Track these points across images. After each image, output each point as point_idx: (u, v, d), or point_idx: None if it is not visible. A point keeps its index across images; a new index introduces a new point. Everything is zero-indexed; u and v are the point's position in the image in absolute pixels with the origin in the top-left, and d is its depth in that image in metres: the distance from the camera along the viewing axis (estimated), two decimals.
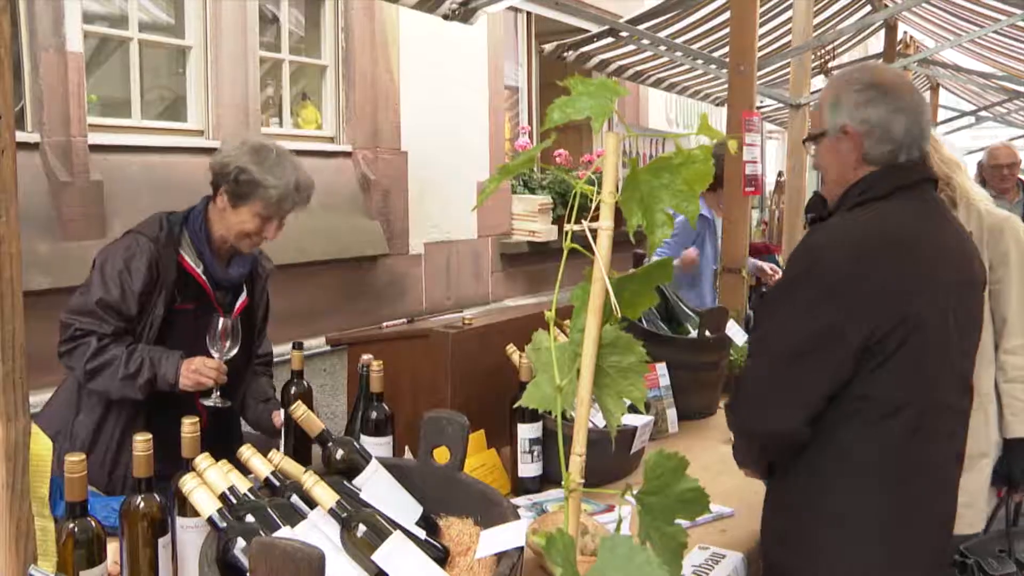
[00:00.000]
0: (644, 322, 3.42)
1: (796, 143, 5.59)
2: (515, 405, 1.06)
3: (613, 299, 0.94)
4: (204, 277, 2.53)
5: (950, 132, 11.25)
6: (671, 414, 3.12)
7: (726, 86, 7.82)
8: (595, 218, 1.02)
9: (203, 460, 1.50)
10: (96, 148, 3.88)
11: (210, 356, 2.42)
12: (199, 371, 2.38)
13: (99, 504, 2.09)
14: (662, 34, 5.47)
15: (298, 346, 2.38)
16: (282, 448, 2.37)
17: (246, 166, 2.44)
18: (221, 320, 2.41)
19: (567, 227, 0.97)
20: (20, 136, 3.71)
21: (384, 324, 2.97)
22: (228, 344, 2.43)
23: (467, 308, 5.99)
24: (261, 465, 1.64)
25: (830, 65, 5.99)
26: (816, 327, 1.72)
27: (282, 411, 2.41)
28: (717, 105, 8.75)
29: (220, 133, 4.36)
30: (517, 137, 6.78)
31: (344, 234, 4.88)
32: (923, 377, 1.76)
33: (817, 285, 1.74)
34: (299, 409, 1.78)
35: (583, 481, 1.01)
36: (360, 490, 1.74)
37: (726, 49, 5.97)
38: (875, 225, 1.79)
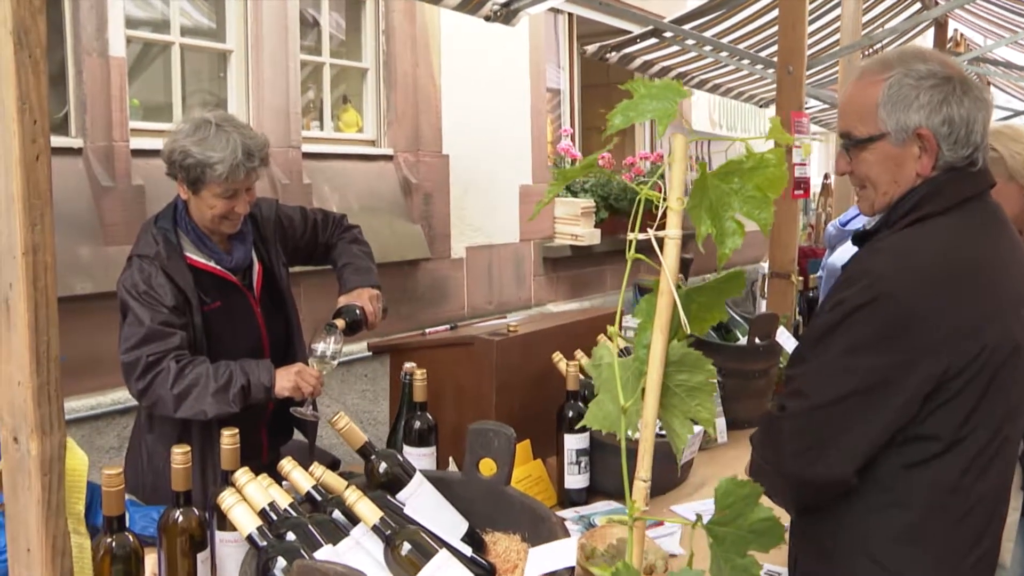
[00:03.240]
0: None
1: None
2: (579, 425, 0.98)
3: (682, 314, 0.86)
4: (219, 268, 2.48)
5: None
6: (720, 423, 3.03)
7: (771, 87, 7.77)
8: (660, 226, 0.94)
9: (242, 475, 1.45)
10: (138, 153, 3.88)
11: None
12: (301, 375, 2.34)
13: (138, 514, 2.06)
14: (707, 34, 5.36)
15: None
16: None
17: (187, 148, 2.33)
18: (321, 345, 2.42)
19: (631, 236, 0.89)
20: (63, 141, 3.72)
21: (427, 331, 2.90)
22: (329, 350, 2.43)
23: (509, 312, 5.93)
24: (302, 479, 1.58)
25: None
26: (879, 367, 1.49)
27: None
28: (762, 107, 8.61)
29: None
30: (559, 140, 6.71)
31: (386, 238, 4.84)
32: (989, 412, 1.54)
33: (881, 321, 1.49)
34: (341, 421, 1.73)
35: (648, 508, 0.94)
36: (404, 505, 1.68)
37: (772, 49, 5.89)
38: (943, 248, 1.56)
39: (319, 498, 1.57)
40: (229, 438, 1.63)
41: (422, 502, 1.72)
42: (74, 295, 3.40)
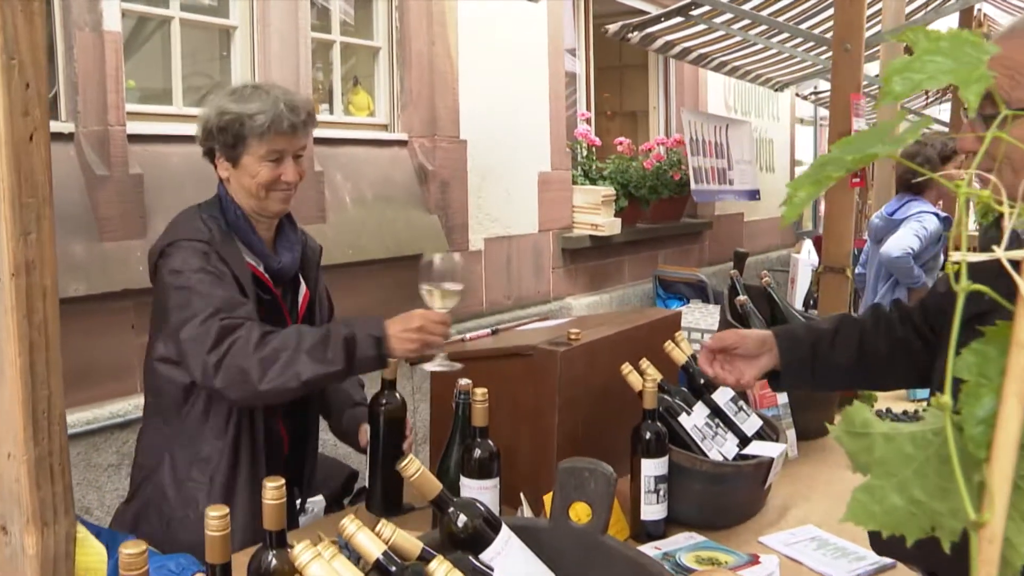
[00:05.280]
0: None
1: None
2: (844, 519, 0.64)
3: None
4: (265, 274, 2.17)
5: None
6: (791, 436, 2.72)
7: (789, 70, 7.46)
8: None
9: (303, 552, 1.12)
10: (135, 138, 3.51)
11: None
12: (425, 328, 1.93)
13: (153, 566, 1.72)
14: (746, 7, 5.01)
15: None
16: (367, 476, 2.00)
17: (223, 105, 2.08)
18: (437, 256, 1.96)
19: (1000, 253, 0.54)
20: (53, 126, 3.34)
21: (467, 336, 2.57)
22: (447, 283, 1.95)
23: (527, 307, 5.60)
24: (370, 544, 1.25)
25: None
26: None
27: (367, 427, 2.04)
28: (777, 90, 8.32)
29: None
30: (576, 125, 6.36)
31: (401, 230, 4.49)
32: None
33: None
34: (412, 466, 1.39)
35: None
36: (492, 569, 1.36)
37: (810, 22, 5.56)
38: None
39: (393, 568, 1.24)
40: (274, 491, 1.29)
41: (512, 563, 1.40)
42: (66, 297, 3.05)
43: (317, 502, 2.79)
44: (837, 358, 1.85)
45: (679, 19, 5.35)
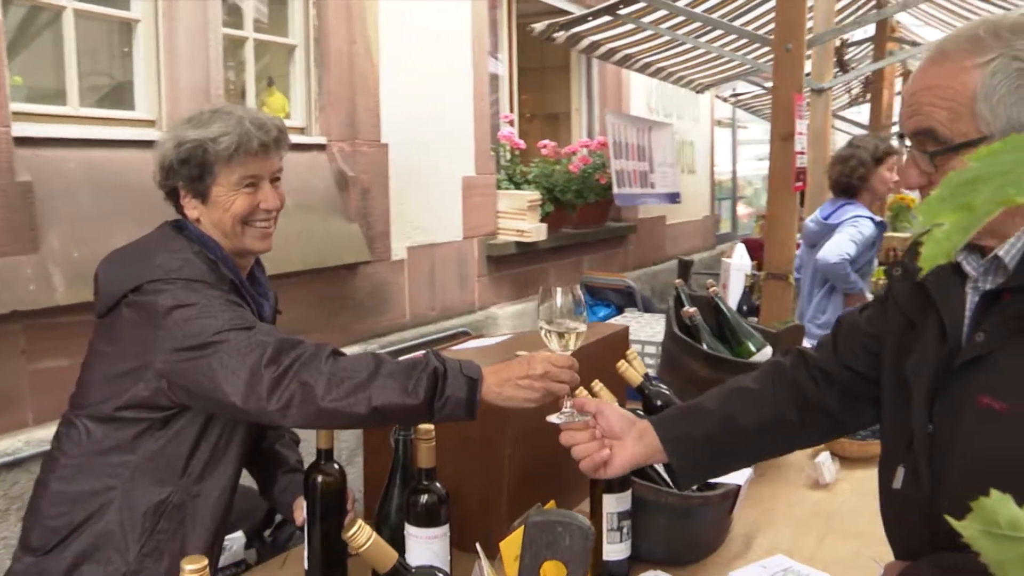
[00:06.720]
0: (706, 345, 2.87)
1: (818, 132, 5.08)
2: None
3: None
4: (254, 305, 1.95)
5: None
6: None
7: (712, 71, 7.42)
8: None
9: None
10: (23, 142, 3.16)
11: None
12: (550, 375, 1.65)
13: None
14: (681, 3, 4.87)
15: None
16: (305, 558, 1.75)
17: (181, 136, 1.85)
18: (559, 291, 1.65)
19: None
20: None
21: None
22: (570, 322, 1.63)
23: (452, 318, 5.38)
24: None
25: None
26: None
27: (303, 502, 1.79)
28: (698, 92, 8.30)
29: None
30: (498, 128, 6.17)
31: (320, 239, 4.22)
32: None
33: None
34: (362, 535, 1.16)
35: None
36: None
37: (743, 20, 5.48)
38: None
39: None
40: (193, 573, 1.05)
41: None
42: None
43: (236, 539, 2.55)
44: (741, 452, 1.71)
45: (607, 18, 5.20)
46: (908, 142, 1.30)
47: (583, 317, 1.65)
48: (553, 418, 1.67)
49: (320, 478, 1.75)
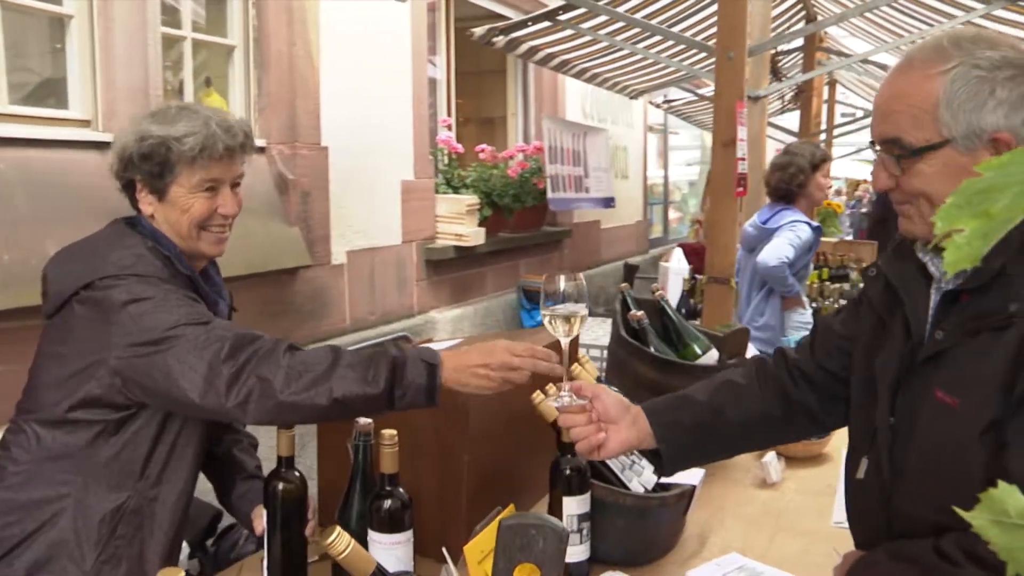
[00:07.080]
0: (653, 348, 2.91)
1: (754, 138, 5.18)
2: None
3: None
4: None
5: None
6: None
7: (647, 77, 7.53)
8: None
9: None
10: None
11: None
12: (508, 365, 1.66)
13: None
14: (621, 9, 4.92)
15: (287, 425, 1.72)
16: (265, 567, 1.72)
17: (145, 130, 1.80)
18: (561, 278, 1.63)
19: None
20: None
21: None
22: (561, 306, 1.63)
23: (392, 323, 5.35)
24: None
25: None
26: None
27: (263, 510, 1.76)
28: (632, 98, 8.41)
29: (113, 124, 3.56)
30: (436, 132, 6.16)
31: (261, 243, 4.16)
32: None
33: None
34: (341, 541, 1.14)
35: None
36: None
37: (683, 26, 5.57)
38: None
39: None
40: None
41: None
42: None
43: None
44: (726, 441, 1.75)
45: (546, 23, 5.24)
46: (877, 147, 1.36)
47: (585, 302, 1.67)
48: (552, 401, 1.69)
49: (281, 485, 1.73)
